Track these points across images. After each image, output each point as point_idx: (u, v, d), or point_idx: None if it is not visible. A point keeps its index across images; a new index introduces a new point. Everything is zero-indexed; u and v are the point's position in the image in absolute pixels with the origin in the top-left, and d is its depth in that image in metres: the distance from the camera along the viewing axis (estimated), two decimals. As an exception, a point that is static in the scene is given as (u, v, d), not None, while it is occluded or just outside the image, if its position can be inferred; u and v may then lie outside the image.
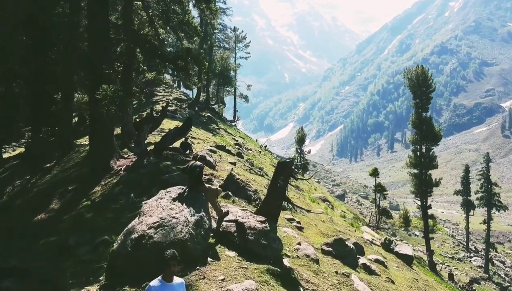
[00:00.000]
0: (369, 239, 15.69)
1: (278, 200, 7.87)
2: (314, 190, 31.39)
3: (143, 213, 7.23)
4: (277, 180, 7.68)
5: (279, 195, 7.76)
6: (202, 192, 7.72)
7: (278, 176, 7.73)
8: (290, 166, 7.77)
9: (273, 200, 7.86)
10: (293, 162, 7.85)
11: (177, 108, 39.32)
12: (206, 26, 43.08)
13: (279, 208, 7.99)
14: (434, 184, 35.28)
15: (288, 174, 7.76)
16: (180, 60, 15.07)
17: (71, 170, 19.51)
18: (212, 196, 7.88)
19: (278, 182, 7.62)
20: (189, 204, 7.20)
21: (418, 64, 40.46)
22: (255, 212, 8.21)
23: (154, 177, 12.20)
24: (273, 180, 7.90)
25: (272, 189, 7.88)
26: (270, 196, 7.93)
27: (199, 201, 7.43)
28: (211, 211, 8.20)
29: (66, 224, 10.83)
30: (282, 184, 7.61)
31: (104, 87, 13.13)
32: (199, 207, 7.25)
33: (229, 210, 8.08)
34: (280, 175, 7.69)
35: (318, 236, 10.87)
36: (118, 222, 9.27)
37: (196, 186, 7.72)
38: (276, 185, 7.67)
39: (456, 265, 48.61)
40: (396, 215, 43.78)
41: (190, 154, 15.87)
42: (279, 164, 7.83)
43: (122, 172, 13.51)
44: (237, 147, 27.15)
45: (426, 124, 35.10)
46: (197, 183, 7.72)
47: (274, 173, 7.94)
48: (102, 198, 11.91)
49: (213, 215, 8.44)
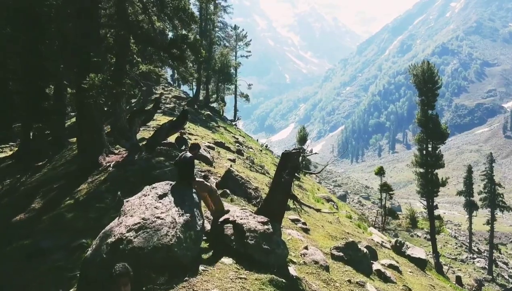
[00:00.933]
0: (379, 241, 14.55)
1: (283, 197, 6.71)
2: (317, 190, 30.27)
3: (124, 212, 6.09)
4: (282, 173, 6.54)
5: (284, 191, 6.61)
6: (193, 187, 6.60)
7: (282, 169, 6.59)
8: (297, 157, 6.63)
9: (277, 197, 6.70)
10: (299, 152, 6.71)
11: (175, 105, 38.27)
12: (205, 22, 42.07)
13: (283, 207, 6.84)
14: (441, 183, 34.09)
15: (294, 166, 6.62)
16: (175, 48, 13.92)
17: (60, 168, 18.45)
18: (205, 192, 6.77)
19: (282, 176, 6.48)
20: (177, 202, 6.06)
21: (419, 62, 39.21)
22: (255, 212, 7.05)
23: (145, 174, 11.09)
24: (276, 173, 6.76)
25: (275, 184, 6.73)
26: (274, 192, 6.77)
27: (189, 198, 6.28)
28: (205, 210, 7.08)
29: (44, 225, 9.70)
30: (288, 178, 6.47)
31: (91, 76, 12.02)
32: (189, 205, 6.10)
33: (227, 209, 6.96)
34: (285, 168, 6.55)
35: (326, 238, 9.73)
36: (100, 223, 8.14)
37: (186, 180, 6.60)
38: (281, 180, 6.53)
39: (460, 266, 47.49)
40: (401, 216, 42.58)
41: (186, 149, 14.76)
42: (284, 155, 6.68)
43: (111, 169, 12.38)
44: (237, 145, 26.05)
45: (432, 122, 33.91)
46: (188, 176, 6.60)
47: (278, 165, 6.79)
48: (87, 196, 10.78)
49: (206, 214, 7.31)
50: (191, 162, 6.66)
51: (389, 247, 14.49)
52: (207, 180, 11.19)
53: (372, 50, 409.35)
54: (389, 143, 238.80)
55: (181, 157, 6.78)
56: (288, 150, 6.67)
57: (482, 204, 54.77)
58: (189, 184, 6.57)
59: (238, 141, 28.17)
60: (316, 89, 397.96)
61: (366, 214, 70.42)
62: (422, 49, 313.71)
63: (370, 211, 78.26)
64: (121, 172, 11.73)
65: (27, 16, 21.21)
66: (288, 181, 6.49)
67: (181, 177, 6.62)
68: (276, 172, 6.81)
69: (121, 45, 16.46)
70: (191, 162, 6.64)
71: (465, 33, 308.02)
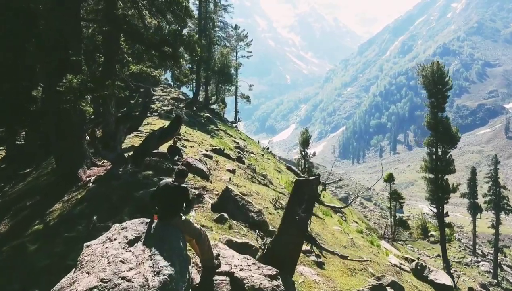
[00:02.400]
0: (397, 263, 12.88)
1: (297, 240, 5.05)
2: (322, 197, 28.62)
3: (81, 265, 4.43)
4: (296, 208, 4.87)
5: (299, 232, 4.95)
6: (177, 226, 4.93)
7: (297, 202, 4.93)
8: (316, 187, 4.96)
9: (289, 240, 5.04)
10: (319, 179, 5.05)
11: (173, 108, 36.59)
12: (205, 21, 40.48)
13: (297, 252, 5.17)
14: (452, 189, 32.36)
15: (312, 197, 4.95)
16: (167, 46, 12.25)
17: (43, 178, 16.80)
18: (192, 239, 5.10)
19: (297, 212, 4.81)
20: (153, 251, 4.39)
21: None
22: (261, 256, 5.39)
23: (129, 192, 9.43)
24: (289, 207, 5.10)
25: (288, 222, 5.06)
26: (285, 233, 5.10)
27: (171, 244, 4.62)
28: (193, 255, 5.42)
29: (1, 259, 8.01)
30: (304, 216, 4.80)
31: (68, 77, 10.36)
32: (170, 255, 4.42)
33: (221, 254, 5.28)
34: (300, 200, 4.89)
35: (345, 274, 8.06)
36: (64, 263, 6.51)
37: (169, 217, 4.95)
38: (294, 217, 4.87)
39: (464, 270, 45.95)
40: (410, 223, 40.82)
41: (179, 160, 13.09)
42: (298, 183, 5.01)
43: (91, 184, 10.71)
44: (238, 151, 24.36)
45: (443, 125, 32.21)
46: (174, 213, 4.96)
47: (291, 196, 5.12)
48: (59, 220, 9.10)
49: (195, 260, 5.63)
50: (186, 195, 5.01)
51: (408, 270, 12.83)
52: (201, 200, 9.53)
53: (373, 50, 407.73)
54: (390, 144, 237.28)
55: (162, 185, 5.12)
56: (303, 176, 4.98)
57: (487, 206, 53.60)
58: (172, 222, 4.92)
59: (238, 147, 26.49)
60: (317, 90, 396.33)
61: (369, 216, 68.91)
62: (423, 50, 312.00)
63: (373, 213, 76.63)
64: (102, 189, 10.06)
65: (9, 9, 19.58)
66: (304, 219, 4.83)
67: (164, 214, 4.96)
68: (288, 206, 5.14)
69: (109, 43, 14.82)
70: (185, 195, 5.00)
71: (466, 34, 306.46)
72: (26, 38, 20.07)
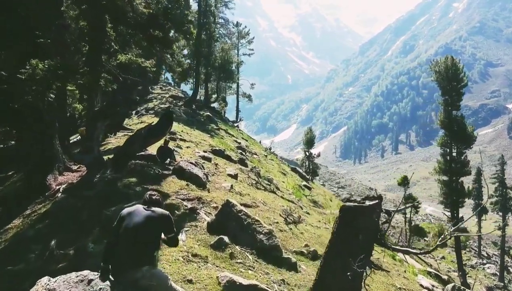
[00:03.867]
0: (429, 286, 10.90)
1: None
2: (330, 201, 26.59)
3: None
4: (345, 256, 2.83)
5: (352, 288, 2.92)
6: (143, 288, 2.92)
7: (347, 239, 2.89)
8: (377, 216, 2.93)
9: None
10: (381, 205, 3.04)
11: (170, 105, 34.72)
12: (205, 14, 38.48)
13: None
14: (467, 193, 30.35)
15: (371, 231, 2.92)
16: (157, 28, 10.24)
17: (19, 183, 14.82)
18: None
19: (348, 264, 2.78)
20: None
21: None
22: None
23: (104, 205, 7.42)
24: (332, 253, 3.05)
25: (329, 278, 3.03)
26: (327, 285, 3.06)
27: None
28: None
29: None
30: (361, 265, 2.77)
31: (32, 63, 8.36)
32: None
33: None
34: (352, 244, 2.85)
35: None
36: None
37: (132, 269, 2.93)
38: (343, 272, 2.83)
39: (469, 272, 44.14)
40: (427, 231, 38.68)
41: (172, 163, 11.08)
42: (348, 214, 2.97)
43: (60, 194, 8.69)
44: (240, 151, 22.34)
45: (457, 124, 30.22)
46: (137, 261, 2.95)
47: (336, 236, 3.08)
48: (10, 242, 7.10)
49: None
50: (167, 226, 3.08)
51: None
52: (195, 217, 7.50)
53: (374, 50, 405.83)
54: (392, 144, 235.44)
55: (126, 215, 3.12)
56: (353, 201, 2.97)
57: (493, 207, 52.32)
58: (137, 280, 2.90)
59: (240, 147, 24.47)
60: (318, 89, 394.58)
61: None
62: (425, 50, 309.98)
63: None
64: (71, 201, 8.06)
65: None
66: (359, 276, 2.79)
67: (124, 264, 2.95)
68: (330, 250, 3.09)
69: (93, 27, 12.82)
70: (166, 225, 3.06)
71: (468, 34, 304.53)
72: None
